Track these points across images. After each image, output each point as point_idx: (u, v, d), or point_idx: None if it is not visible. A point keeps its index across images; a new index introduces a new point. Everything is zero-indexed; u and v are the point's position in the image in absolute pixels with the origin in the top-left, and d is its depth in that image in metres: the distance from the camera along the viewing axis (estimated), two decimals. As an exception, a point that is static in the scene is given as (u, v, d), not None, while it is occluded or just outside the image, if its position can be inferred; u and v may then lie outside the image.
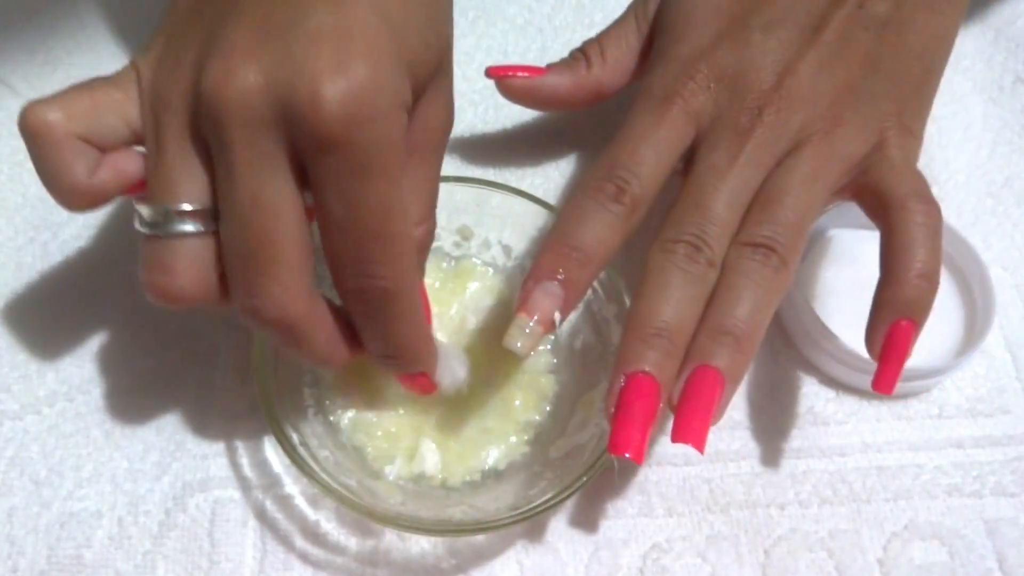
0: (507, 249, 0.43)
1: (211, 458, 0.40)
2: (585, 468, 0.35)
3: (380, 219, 0.31)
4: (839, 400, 0.42)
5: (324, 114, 0.28)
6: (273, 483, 0.39)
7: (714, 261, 0.35)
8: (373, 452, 0.39)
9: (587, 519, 0.39)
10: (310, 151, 0.30)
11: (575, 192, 0.37)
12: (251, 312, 0.32)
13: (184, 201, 0.31)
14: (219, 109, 0.29)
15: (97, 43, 0.52)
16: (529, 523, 0.38)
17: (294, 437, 0.36)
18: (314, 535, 0.38)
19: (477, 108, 0.50)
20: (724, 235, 0.36)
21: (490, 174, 0.48)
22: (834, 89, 0.38)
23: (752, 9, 0.39)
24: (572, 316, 0.42)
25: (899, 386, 0.35)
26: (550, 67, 0.44)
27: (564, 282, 0.34)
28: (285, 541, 0.38)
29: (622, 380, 0.33)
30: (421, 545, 0.38)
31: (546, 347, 0.42)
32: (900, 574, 0.38)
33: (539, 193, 0.41)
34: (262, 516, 0.39)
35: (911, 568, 0.38)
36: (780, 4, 0.39)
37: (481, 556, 0.38)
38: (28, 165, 0.30)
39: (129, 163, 0.33)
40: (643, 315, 0.34)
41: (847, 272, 0.44)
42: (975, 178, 0.48)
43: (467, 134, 0.49)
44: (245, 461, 0.40)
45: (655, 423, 0.33)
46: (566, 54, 0.52)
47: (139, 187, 0.33)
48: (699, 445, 0.33)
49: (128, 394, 0.41)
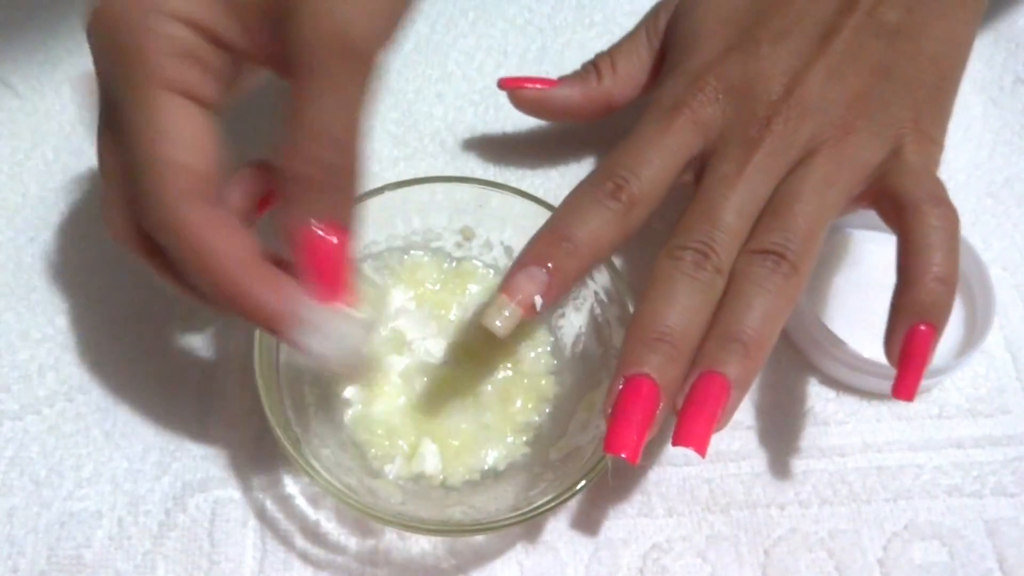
0: (509, 250, 0.43)
1: (211, 458, 0.40)
2: (585, 471, 0.35)
3: (133, 151, 0.29)
4: (839, 400, 0.42)
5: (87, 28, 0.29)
6: (273, 483, 0.39)
7: (722, 268, 0.35)
8: (374, 451, 0.39)
9: (587, 519, 0.39)
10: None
11: (574, 189, 0.37)
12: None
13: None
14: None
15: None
16: (529, 523, 0.38)
17: (296, 435, 0.36)
18: (314, 535, 0.38)
19: (477, 108, 0.50)
20: (733, 243, 0.35)
21: (490, 174, 0.48)
22: (845, 97, 0.37)
23: (761, 21, 0.39)
24: (574, 319, 0.42)
25: (899, 386, 0.35)
26: (562, 79, 0.44)
27: (550, 270, 0.34)
28: (285, 541, 0.38)
29: (622, 382, 0.33)
30: (421, 545, 0.38)
31: (547, 349, 0.42)
32: (900, 574, 0.38)
33: (539, 193, 0.41)
34: (262, 516, 0.39)
35: (911, 568, 0.38)
36: (789, 15, 0.39)
37: (481, 556, 0.38)
38: (28, 165, 0.30)
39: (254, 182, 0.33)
40: (647, 319, 0.34)
41: (848, 272, 0.44)
42: (975, 178, 0.48)
43: (467, 134, 0.49)
44: (245, 461, 0.40)
45: (654, 426, 0.33)
46: (566, 54, 0.52)
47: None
48: (701, 449, 0.33)
49: (128, 394, 0.41)
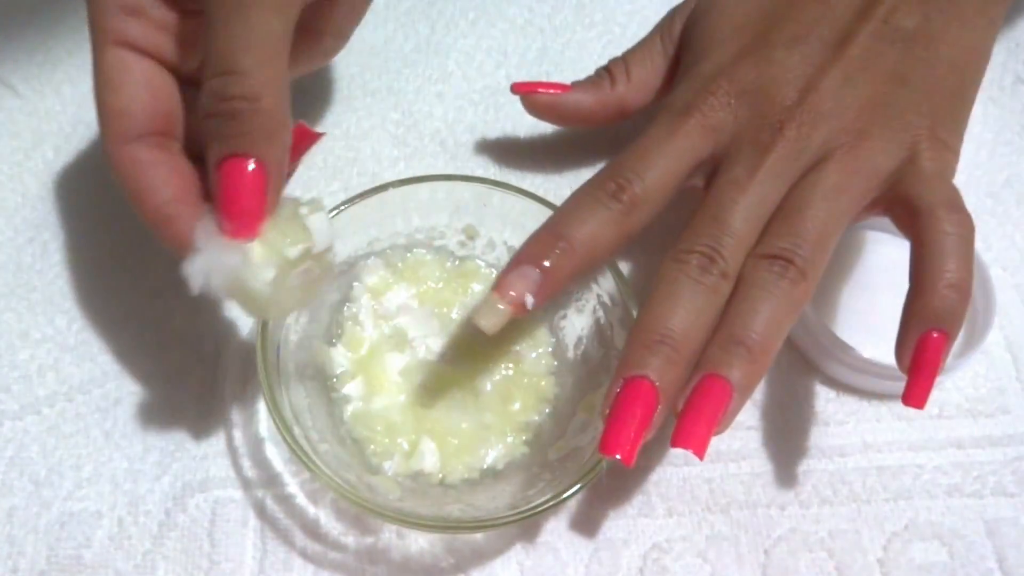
0: (512, 251, 0.43)
1: (211, 458, 0.40)
2: (584, 472, 0.35)
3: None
4: (839, 400, 0.42)
5: None
6: (273, 483, 0.39)
7: (728, 273, 0.34)
8: (373, 447, 0.39)
9: (587, 519, 0.39)
10: None
11: (577, 189, 0.37)
12: None
13: None
14: None
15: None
16: (529, 523, 0.38)
17: (296, 430, 0.36)
18: (314, 535, 0.38)
19: (477, 108, 0.50)
20: (740, 248, 0.35)
21: (490, 174, 0.48)
22: (859, 104, 0.37)
23: (776, 26, 0.39)
24: (576, 320, 0.42)
25: (899, 386, 0.35)
26: (575, 84, 0.44)
27: (544, 269, 0.34)
28: (285, 541, 0.38)
29: (621, 383, 0.33)
30: (420, 543, 0.38)
31: (548, 349, 0.42)
32: (900, 574, 0.38)
33: (539, 194, 0.41)
34: (262, 516, 0.39)
35: (911, 568, 0.38)
36: (804, 20, 0.39)
37: (481, 556, 0.38)
38: (28, 165, 0.31)
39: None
40: (649, 322, 0.34)
41: (849, 273, 0.44)
42: (975, 178, 0.48)
43: (467, 134, 0.49)
44: (245, 461, 0.40)
45: (652, 429, 0.33)
46: (566, 54, 0.52)
47: None
48: (699, 452, 0.32)
49: (128, 394, 0.41)
